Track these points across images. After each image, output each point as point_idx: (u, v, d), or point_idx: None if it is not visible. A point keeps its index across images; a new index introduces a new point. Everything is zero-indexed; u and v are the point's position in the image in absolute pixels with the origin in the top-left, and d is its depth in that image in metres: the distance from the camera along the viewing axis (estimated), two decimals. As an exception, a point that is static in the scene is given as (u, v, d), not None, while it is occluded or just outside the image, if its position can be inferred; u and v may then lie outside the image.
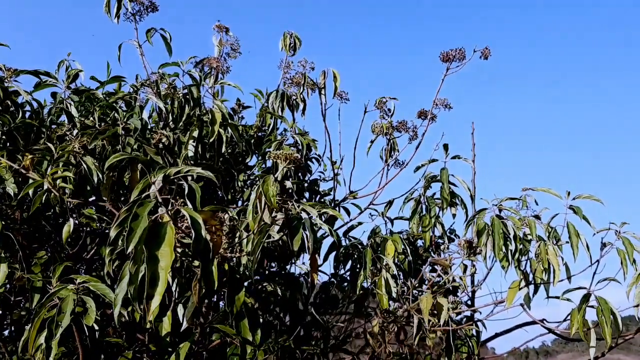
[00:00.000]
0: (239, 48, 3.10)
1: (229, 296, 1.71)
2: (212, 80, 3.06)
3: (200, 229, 1.39)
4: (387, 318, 2.27)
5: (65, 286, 1.82)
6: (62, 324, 1.73)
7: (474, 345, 3.04)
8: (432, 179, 3.21)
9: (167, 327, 2.06)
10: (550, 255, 2.55)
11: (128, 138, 2.30)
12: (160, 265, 1.33)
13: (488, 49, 2.72)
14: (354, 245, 3.00)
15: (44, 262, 2.37)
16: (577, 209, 2.79)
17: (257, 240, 1.76)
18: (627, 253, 2.70)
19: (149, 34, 3.06)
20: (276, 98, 2.96)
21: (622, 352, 29.40)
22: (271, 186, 1.62)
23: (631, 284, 2.53)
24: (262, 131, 3.38)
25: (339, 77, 2.82)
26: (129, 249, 1.30)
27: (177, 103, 2.63)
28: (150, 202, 1.39)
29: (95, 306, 1.86)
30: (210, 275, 1.43)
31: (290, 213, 1.71)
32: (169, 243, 1.34)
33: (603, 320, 2.40)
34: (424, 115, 2.96)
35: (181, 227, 1.51)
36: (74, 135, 2.25)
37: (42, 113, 2.57)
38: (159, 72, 2.70)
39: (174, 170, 1.50)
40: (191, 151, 2.67)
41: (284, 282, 2.89)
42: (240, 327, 2.01)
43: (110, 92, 2.89)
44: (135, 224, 1.33)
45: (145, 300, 1.31)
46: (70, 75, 2.87)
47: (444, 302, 2.21)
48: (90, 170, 2.01)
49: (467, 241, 2.25)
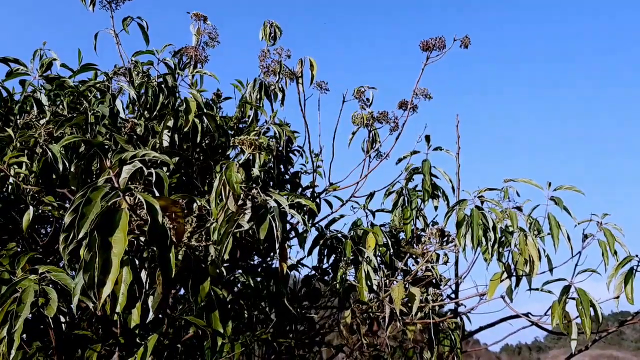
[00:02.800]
0: (217, 37, 3.04)
1: (193, 286, 1.66)
2: (190, 70, 3.00)
3: (157, 214, 1.34)
4: (359, 309, 2.23)
5: (27, 277, 1.77)
6: (21, 314, 1.68)
7: (456, 338, 3.01)
8: (414, 171, 3.18)
9: (136, 319, 2.02)
10: (529, 246, 2.52)
11: (98, 127, 2.24)
12: (113, 251, 1.28)
13: (468, 38, 2.68)
14: (338, 238, 2.96)
15: (13, 254, 2.31)
16: (558, 200, 2.77)
17: (224, 229, 1.72)
18: (608, 244, 2.68)
19: (125, 22, 3.00)
20: (254, 88, 2.91)
21: (614, 348, 29.57)
22: (234, 172, 1.58)
23: (611, 275, 2.50)
24: (243, 122, 3.33)
25: (316, 65, 2.77)
26: (79, 234, 1.26)
27: (151, 92, 2.58)
28: (105, 187, 1.34)
29: (59, 298, 1.81)
30: (167, 263, 1.38)
31: (257, 201, 1.67)
32: (123, 229, 1.29)
33: (582, 312, 2.38)
34: (404, 106, 2.92)
35: (141, 215, 1.46)
36: (42, 123, 2.19)
37: (10, 101, 2.50)
38: (133, 60, 2.64)
39: (129, 155, 1.45)
40: (166, 141, 2.61)
41: (265, 274, 2.85)
42: (211, 318, 1.97)
43: (85, 80, 2.83)
44: (87, 209, 1.28)
45: (97, 288, 1.26)
46: (44, 64, 2.81)
47: (416, 292, 2.17)
48: (55, 158, 1.95)
49: (439, 230, 2.21)
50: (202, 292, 1.63)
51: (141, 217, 1.47)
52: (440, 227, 2.22)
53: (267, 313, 2.85)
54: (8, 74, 2.68)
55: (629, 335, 32.97)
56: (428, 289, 2.72)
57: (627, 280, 2.44)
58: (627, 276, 2.46)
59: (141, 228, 1.50)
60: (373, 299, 2.39)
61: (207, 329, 2.02)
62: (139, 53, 2.69)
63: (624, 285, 2.45)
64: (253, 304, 2.72)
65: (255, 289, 2.16)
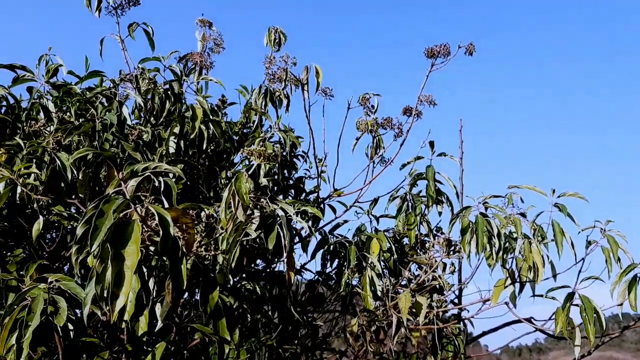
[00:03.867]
0: (223, 43, 3.06)
1: (203, 295, 1.67)
2: (195, 76, 3.01)
3: (169, 226, 1.35)
4: (367, 317, 2.24)
5: (37, 285, 1.78)
6: (31, 324, 1.69)
7: (460, 343, 3.02)
8: (418, 176, 3.19)
9: (143, 326, 2.02)
10: (533, 253, 2.53)
11: (106, 134, 2.26)
12: (126, 264, 1.29)
13: (473, 45, 2.69)
14: (341, 243, 2.97)
15: (20, 260, 2.32)
16: (562, 206, 2.78)
17: (232, 238, 1.73)
18: (611, 251, 2.69)
19: (130, 28, 3.02)
20: (259, 94, 2.92)
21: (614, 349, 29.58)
22: (244, 183, 1.59)
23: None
24: (247, 128, 3.34)
25: (322, 73, 2.79)
26: (93, 247, 1.27)
27: (157, 98, 2.59)
28: (117, 199, 1.35)
29: (67, 305, 1.82)
30: (179, 274, 1.39)
31: (265, 211, 1.68)
32: (136, 241, 1.30)
33: (586, 319, 2.39)
34: (409, 112, 2.93)
35: (151, 225, 1.47)
36: (50, 130, 2.20)
37: (17, 108, 2.51)
38: (139, 67, 2.66)
39: (141, 167, 1.46)
40: (172, 147, 2.63)
41: (269, 279, 2.86)
42: (218, 326, 1.98)
43: (91, 87, 2.84)
44: (100, 222, 1.29)
45: (110, 300, 1.27)
46: (50, 70, 2.82)
47: (422, 301, 2.18)
48: (64, 167, 1.96)
49: (446, 239, 2.22)
50: (212, 301, 1.64)
51: (151, 228, 1.48)
52: (447, 236, 2.23)
53: (270, 317, 2.86)
54: (14, 80, 2.69)
55: (629, 337, 33.07)
56: (432, 295, 2.73)
57: (630, 288, 2.46)
58: (630, 284, 2.48)
59: (151, 238, 1.51)
60: (379, 307, 2.40)
61: (214, 336, 2.03)
62: (146, 60, 2.70)
63: (628, 293, 2.47)
64: (257, 308, 2.73)
65: (268, 295, 2.17)
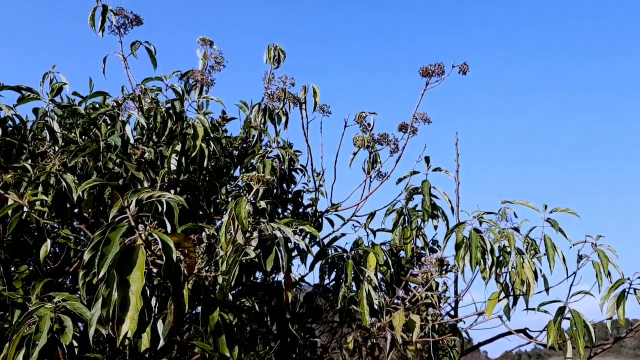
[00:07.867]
0: (223, 61, 3.13)
1: (203, 315, 1.74)
2: (196, 94, 3.08)
3: (172, 252, 1.42)
4: (362, 334, 2.31)
5: (44, 304, 1.85)
6: (39, 342, 1.75)
7: (455, 355, 3.09)
8: (414, 191, 3.26)
9: (146, 343, 2.08)
10: (526, 269, 2.60)
11: (109, 154, 2.32)
12: (131, 289, 1.36)
13: (466, 65, 2.77)
14: (339, 256, 3.04)
15: (26, 277, 2.38)
16: (554, 222, 2.85)
17: (232, 259, 1.80)
18: (602, 265, 2.76)
19: (133, 46, 3.09)
20: (258, 112, 2.99)
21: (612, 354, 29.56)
22: (243, 208, 1.66)
23: (604, 297, 2.58)
24: (247, 143, 3.42)
25: (319, 92, 2.87)
26: (100, 274, 1.33)
27: (159, 117, 2.66)
28: (123, 226, 1.42)
29: (73, 324, 1.88)
30: (181, 297, 1.46)
31: (264, 234, 1.75)
32: (140, 267, 1.37)
33: (576, 333, 2.45)
34: (404, 129, 3.01)
35: (154, 250, 1.54)
36: (56, 151, 2.27)
37: (24, 129, 2.58)
38: (142, 87, 2.73)
39: (146, 195, 1.53)
40: (174, 165, 2.69)
41: (268, 292, 2.92)
42: (218, 343, 2.04)
43: (95, 106, 2.91)
44: (107, 249, 1.36)
45: (116, 325, 1.34)
46: (55, 88, 2.89)
47: (416, 319, 2.25)
48: (70, 188, 2.03)
49: (438, 259, 2.29)
50: (212, 321, 1.71)
51: (154, 252, 1.55)
52: (439, 256, 2.30)
53: (269, 328, 2.92)
54: (19, 99, 2.76)
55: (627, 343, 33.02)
56: (428, 308, 2.79)
57: (619, 303, 2.53)
58: (619, 298, 2.54)
59: (154, 262, 1.57)
60: (374, 323, 2.46)
61: (214, 353, 2.09)
62: (148, 80, 2.77)
63: (617, 307, 2.53)
64: (256, 320, 2.79)
65: (267, 309, 2.23)
